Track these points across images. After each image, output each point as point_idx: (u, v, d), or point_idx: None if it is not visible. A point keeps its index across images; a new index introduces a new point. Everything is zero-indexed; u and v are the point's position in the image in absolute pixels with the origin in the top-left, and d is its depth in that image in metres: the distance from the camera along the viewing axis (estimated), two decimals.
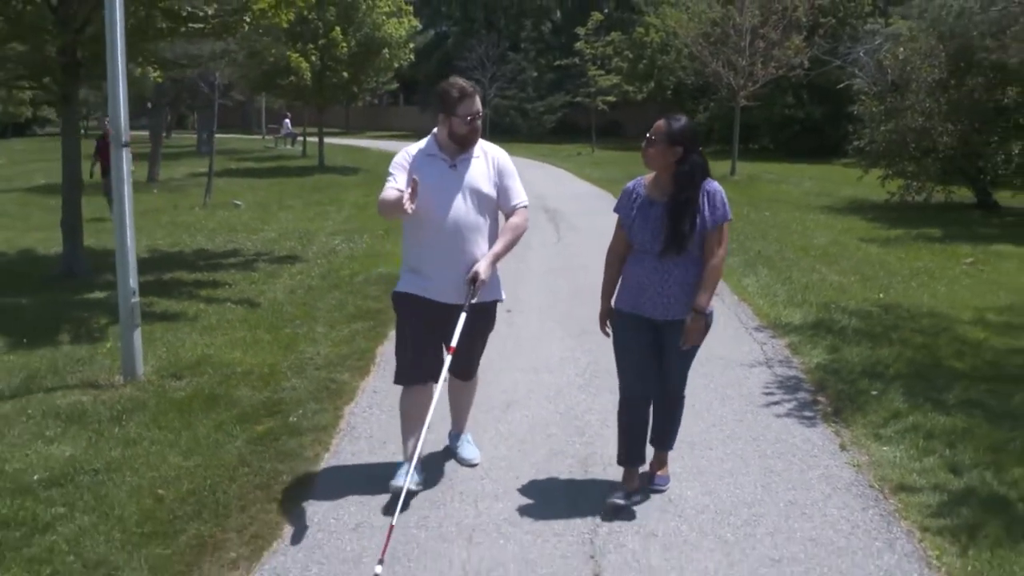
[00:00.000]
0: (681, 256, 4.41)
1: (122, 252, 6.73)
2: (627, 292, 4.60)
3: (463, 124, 4.61)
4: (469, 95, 4.63)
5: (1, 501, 4.65)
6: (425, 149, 4.75)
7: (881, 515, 4.55)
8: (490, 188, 4.73)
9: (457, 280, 4.62)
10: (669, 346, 4.55)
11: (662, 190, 4.48)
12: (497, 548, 4.17)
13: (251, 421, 5.82)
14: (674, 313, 4.45)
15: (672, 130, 4.39)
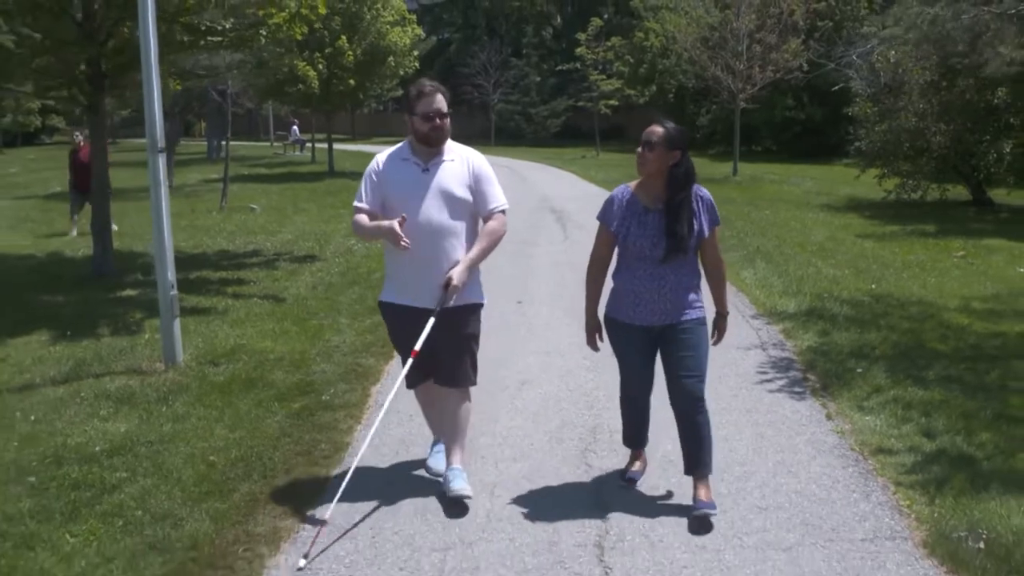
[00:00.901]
0: (677, 264, 4.45)
1: (160, 249, 7.28)
2: (622, 303, 4.60)
3: (422, 122, 4.57)
4: (427, 93, 4.60)
5: (70, 467, 5.19)
6: (398, 153, 4.74)
7: (860, 473, 5.08)
8: (464, 192, 4.65)
9: (433, 285, 4.58)
10: (672, 348, 4.55)
11: (655, 196, 4.48)
12: (517, 500, 4.71)
13: (287, 400, 6.36)
14: (672, 318, 4.50)
15: (671, 135, 4.41)
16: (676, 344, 4.53)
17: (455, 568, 3.98)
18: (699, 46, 26.48)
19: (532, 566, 4.02)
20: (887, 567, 4.01)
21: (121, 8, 10.20)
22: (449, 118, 4.65)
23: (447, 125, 4.64)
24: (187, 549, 4.20)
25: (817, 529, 4.37)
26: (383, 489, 4.84)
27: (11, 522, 4.51)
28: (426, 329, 4.51)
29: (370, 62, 27.70)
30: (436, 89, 4.63)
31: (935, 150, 18.16)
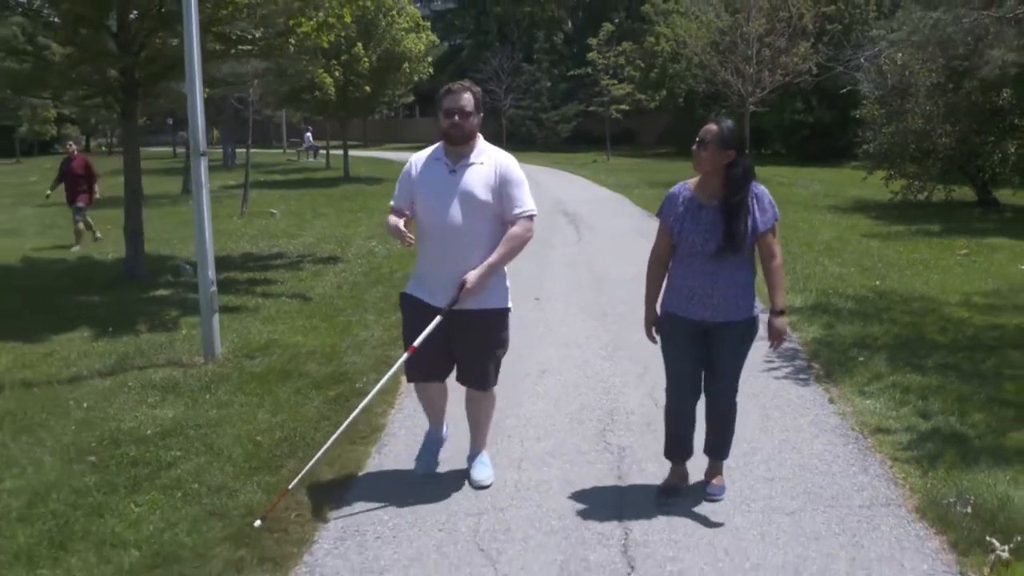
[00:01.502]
0: (731, 259, 4.48)
1: (201, 249, 7.74)
2: (676, 296, 4.64)
3: (444, 119, 4.64)
4: (453, 91, 4.69)
5: (127, 448, 5.62)
6: (433, 153, 4.81)
7: (859, 449, 5.48)
8: (487, 194, 4.67)
9: (449, 285, 4.64)
10: (719, 348, 4.64)
11: (711, 193, 4.51)
12: (542, 473, 5.13)
13: (323, 388, 6.79)
14: (724, 315, 4.55)
15: (724, 134, 4.42)
16: (724, 343, 4.62)
17: (488, 529, 4.39)
18: (709, 50, 26.91)
19: (558, 527, 4.43)
20: (881, 529, 4.41)
21: (154, 20, 10.68)
22: (473, 118, 4.67)
23: (468, 124, 4.65)
24: (243, 515, 4.62)
25: (818, 497, 4.77)
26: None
27: (79, 494, 4.93)
28: (429, 327, 4.58)
29: (385, 68, 28.18)
30: (464, 88, 4.70)
31: (941, 151, 18.53)
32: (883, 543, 4.27)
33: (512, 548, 4.25)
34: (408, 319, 4.89)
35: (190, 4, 7.54)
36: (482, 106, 4.80)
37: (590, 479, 5.03)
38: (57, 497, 4.91)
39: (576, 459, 5.33)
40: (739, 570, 4.02)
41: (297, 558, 4.21)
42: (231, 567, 4.10)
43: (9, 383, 7.15)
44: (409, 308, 4.87)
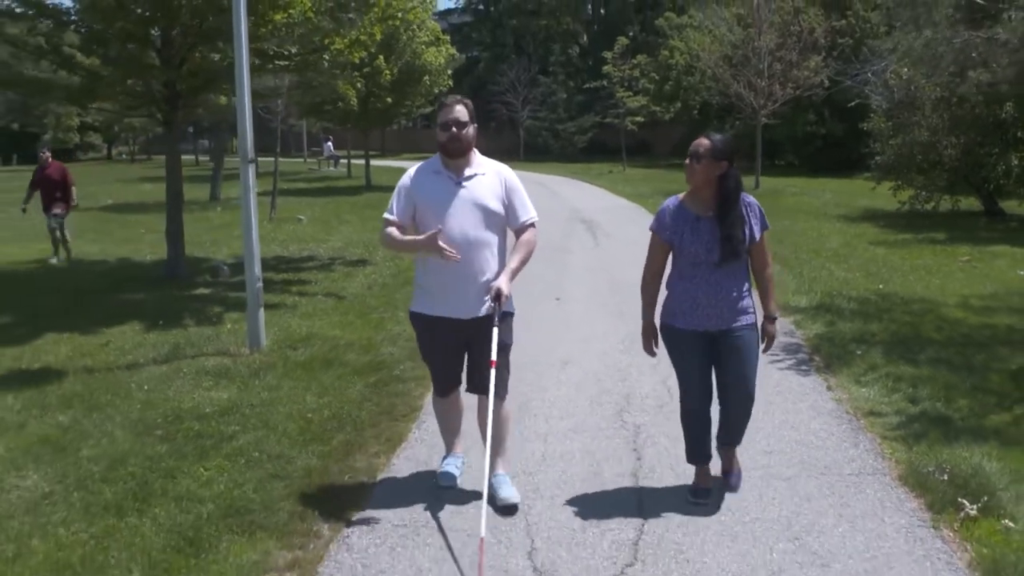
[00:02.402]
0: (731, 268, 4.62)
1: (249, 248, 8.37)
2: (680, 309, 4.74)
3: (441, 132, 4.71)
4: (447, 104, 4.77)
5: (190, 423, 6.25)
6: (429, 166, 4.86)
7: (852, 429, 6.06)
8: (497, 205, 4.77)
9: (466, 296, 4.71)
10: (729, 353, 4.76)
11: (705, 205, 4.65)
12: (565, 445, 5.73)
13: (363, 374, 7.42)
14: (728, 322, 4.69)
15: (717, 147, 4.57)
16: (731, 351, 4.74)
17: (521, 489, 4.99)
18: (722, 64, 27.51)
19: (581, 489, 5.04)
20: (866, 492, 4.99)
21: (196, 36, 11.34)
22: (469, 129, 4.73)
23: (465, 135, 4.71)
24: (302, 477, 5.25)
25: (812, 467, 5.36)
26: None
27: (152, 460, 5.56)
28: (494, 339, 4.62)
29: (406, 80, 28.83)
30: (458, 101, 4.77)
31: (947, 163, 19.03)
32: (867, 503, 4.85)
33: (540, 503, 4.86)
34: (425, 338, 4.98)
35: (240, 22, 8.11)
36: (475, 116, 4.84)
37: (608, 451, 5.64)
38: (133, 462, 5.54)
39: (596, 434, 5.94)
40: (739, 523, 4.61)
41: (355, 508, 4.82)
42: (295, 517, 4.72)
43: (72, 369, 7.80)
44: (425, 326, 4.92)
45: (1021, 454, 5.51)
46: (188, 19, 10.83)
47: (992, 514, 4.64)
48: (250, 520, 4.68)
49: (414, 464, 5.44)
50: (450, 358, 4.93)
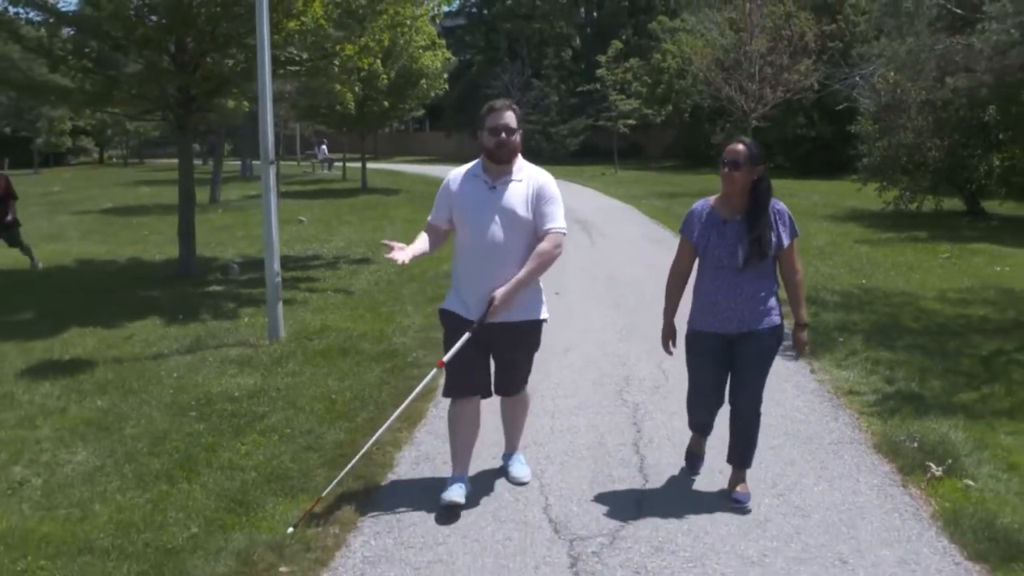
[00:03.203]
0: (755, 272, 4.68)
1: (268, 244, 8.87)
2: (703, 313, 4.80)
3: (489, 137, 4.75)
4: (495, 109, 4.80)
5: (222, 405, 6.76)
6: (472, 170, 4.92)
7: (833, 406, 6.61)
8: (526, 211, 4.76)
9: (486, 299, 4.76)
10: (743, 358, 4.81)
11: (734, 209, 4.70)
12: (571, 421, 6.28)
13: (379, 361, 7.94)
14: (748, 325, 4.73)
15: (754, 152, 4.63)
16: (750, 351, 4.80)
17: (532, 457, 5.52)
18: (713, 68, 28.08)
19: (587, 456, 5.58)
20: (844, 458, 5.54)
21: (208, 42, 11.83)
22: (516, 135, 4.78)
23: (514, 141, 4.76)
24: (333, 449, 5.78)
25: (796, 437, 5.91)
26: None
27: (192, 437, 6.07)
28: (459, 343, 4.71)
29: (403, 84, 29.30)
30: (507, 106, 4.81)
31: (931, 164, 19.64)
32: (844, 467, 5.40)
33: (552, 468, 5.40)
34: (449, 334, 4.97)
35: (263, 30, 8.62)
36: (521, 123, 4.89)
37: (611, 425, 6.18)
38: (175, 439, 6.05)
39: (599, 411, 6.48)
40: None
41: (383, 473, 5.36)
42: (331, 481, 5.23)
43: (101, 360, 8.28)
44: (449, 323, 4.97)
45: (985, 426, 6.08)
46: (204, 26, 11.30)
47: (955, 475, 5.20)
48: (290, 484, 5.21)
49: (435, 437, 5.97)
50: (472, 360, 4.83)
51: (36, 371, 7.89)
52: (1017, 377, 7.40)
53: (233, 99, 14.72)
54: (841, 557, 4.27)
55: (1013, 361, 7.93)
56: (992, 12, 8.12)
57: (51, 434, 6.23)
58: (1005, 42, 8.08)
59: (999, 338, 8.72)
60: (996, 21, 8.02)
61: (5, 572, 4.21)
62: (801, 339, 4.96)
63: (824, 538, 4.47)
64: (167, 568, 4.22)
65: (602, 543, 4.42)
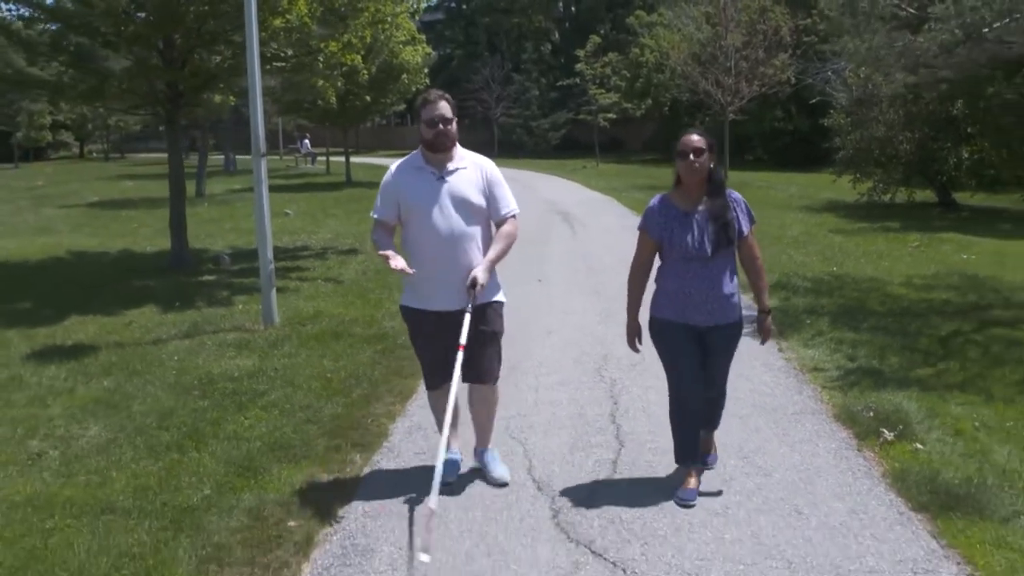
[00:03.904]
0: (721, 262, 4.70)
1: (262, 233, 9.27)
2: (671, 303, 4.79)
3: (427, 128, 4.78)
4: (430, 101, 4.80)
5: (223, 384, 7.16)
6: (411, 163, 4.93)
7: (798, 381, 7.07)
8: (479, 197, 4.83)
9: (452, 288, 4.77)
10: (713, 350, 4.87)
11: (693, 200, 4.73)
12: (553, 395, 6.72)
13: (370, 343, 8.36)
14: (717, 319, 4.77)
15: (710, 141, 4.69)
16: (718, 346, 4.87)
17: (517, 427, 5.97)
18: (690, 62, 28.53)
19: (568, 425, 6.03)
20: (805, 425, 6.00)
21: (195, 38, 12.19)
22: (454, 124, 4.84)
23: (451, 131, 4.81)
24: (331, 421, 6.20)
25: (762, 408, 6.36)
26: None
27: (198, 412, 6.47)
28: (465, 325, 4.67)
29: (384, 79, 29.62)
30: (440, 97, 4.82)
31: (903, 157, 20.20)
32: (805, 433, 5.86)
33: (535, 436, 5.84)
34: (416, 331, 5.07)
35: (251, 24, 8.98)
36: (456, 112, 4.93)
37: (590, 398, 6.62)
38: (181, 414, 6.45)
39: (579, 386, 6.92)
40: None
41: (379, 442, 5.78)
42: (331, 450, 5.66)
43: (103, 344, 8.67)
44: (415, 320, 5.03)
45: (937, 397, 6.55)
46: (192, 23, 11.65)
47: (906, 439, 5.66)
48: (293, 453, 5.62)
49: (426, 411, 6.32)
50: (441, 351, 4.86)
51: (41, 355, 8.27)
52: (972, 355, 7.89)
53: (220, 94, 15.06)
54: (797, 509, 4.72)
55: (969, 341, 8.41)
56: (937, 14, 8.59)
57: (62, 412, 6.61)
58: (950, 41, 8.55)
59: (958, 320, 9.20)
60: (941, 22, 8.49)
61: (35, 530, 4.60)
62: (767, 325, 5.06)
63: (783, 493, 4.92)
64: (185, 524, 4.63)
65: (581, 498, 4.87)
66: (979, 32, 8.37)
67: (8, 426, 6.27)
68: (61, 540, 4.47)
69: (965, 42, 8.50)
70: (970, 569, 4.13)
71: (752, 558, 4.21)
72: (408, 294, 5.04)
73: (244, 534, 4.51)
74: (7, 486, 5.21)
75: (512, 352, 7.34)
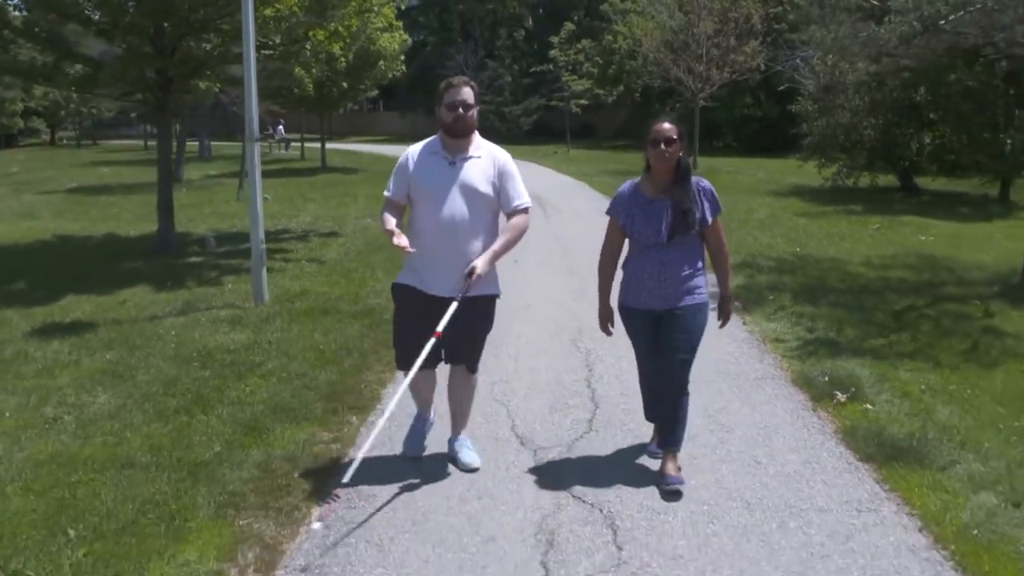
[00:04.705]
0: (681, 249, 4.74)
1: (253, 214, 9.70)
2: (631, 289, 4.90)
3: (447, 112, 4.79)
4: (455, 85, 4.84)
5: (221, 356, 7.59)
6: (429, 147, 4.96)
7: (759, 351, 7.61)
8: (487, 187, 4.83)
9: (451, 274, 4.78)
10: (667, 334, 4.84)
11: (659, 187, 4.77)
12: (532, 363, 7.22)
13: (358, 318, 8.82)
14: (672, 302, 4.78)
15: (681, 131, 4.74)
16: (671, 326, 4.82)
17: (500, 391, 6.47)
18: (662, 49, 29.01)
19: (546, 390, 6.54)
20: (765, 389, 6.54)
21: (186, 27, 12.54)
22: (474, 110, 4.85)
23: (471, 117, 4.82)
24: (327, 386, 6.66)
25: (725, 374, 6.89)
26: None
27: (200, 382, 6.90)
28: (448, 313, 4.67)
29: (361, 66, 29.89)
30: (465, 83, 4.87)
31: (867, 142, 20.84)
32: (765, 395, 6.40)
33: (516, 399, 6.34)
34: (405, 310, 5.06)
35: (247, 12, 9.37)
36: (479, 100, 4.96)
37: (567, 366, 7.13)
38: (185, 383, 6.87)
39: (556, 355, 7.43)
40: None
41: (373, 405, 6.26)
42: (329, 412, 6.13)
43: (101, 321, 9.06)
44: (406, 298, 5.01)
45: (888, 365, 7.11)
46: (184, 11, 12.00)
47: (857, 401, 6.22)
48: (294, 415, 6.09)
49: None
50: (421, 334, 4.78)
51: (43, 332, 8.65)
52: (923, 328, 8.46)
53: (207, 80, 15.42)
54: (756, 459, 5.25)
55: (922, 315, 8.99)
56: (897, 6, 9.14)
57: (70, 382, 7.01)
58: (909, 32, 9.10)
59: (912, 296, 9.78)
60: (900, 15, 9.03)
61: (61, 483, 5.03)
62: (728, 311, 5.12)
63: (743, 446, 5.45)
64: (201, 475, 5.08)
65: (561, 451, 5.38)
66: (936, 24, 8.94)
67: (22, 395, 6.66)
68: (87, 491, 4.91)
69: (923, 33, 9.05)
70: (908, 508, 4.66)
71: (715, 499, 4.74)
72: (406, 273, 5.03)
73: (256, 484, 4.97)
74: (29, 446, 5.62)
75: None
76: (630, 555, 4.16)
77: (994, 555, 4.16)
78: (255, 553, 4.23)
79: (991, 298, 9.66)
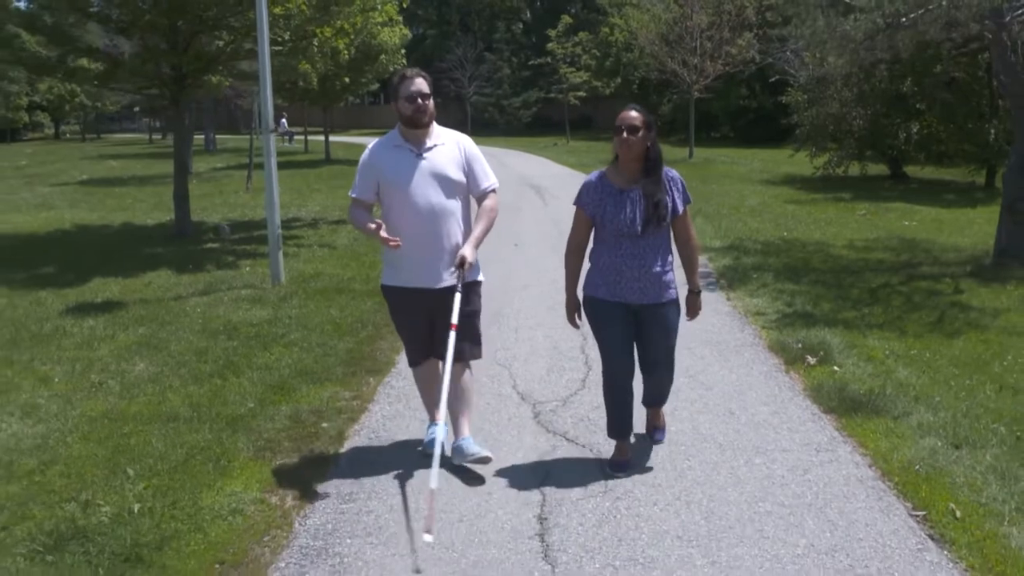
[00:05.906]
0: (654, 240, 4.68)
1: (270, 201, 10.34)
2: (603, 280, 4.80)
3: (406, 104, 4.75)
4: (409, 77, 4.79)
5: (246, 328, 8.26)
6: (388, 141, 4.90)
7: (741, 323, 8.27)
8: (458, 173, 4.84)
9: (434, 264, 4.81)
10: (649, 329, 4.85)
11: (628, 178, 4.69)
12: (531, 333, 7.91)
13: (370, 296, 9.48)
14: (650, 297, 4.76)
15: (647, 119, 4.62)
16: (654, 326, 4.83)
17: (503, 357, 7.14)
18: (658, 42, 29.61)
19: (544, 355, 7.21)
20: (743, 355, 7.21)
21: (199, 24, 13.17)
22: (432, 100, 4.84)
23: (430, 106, 4.80)
24: (345, 353, 7.34)
25: (707, 342, 7.57)
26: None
27: (228, 351, 7.57)
28: (456, 305, 4.68)
29: (363, 60, 30.52)
30: (418, 73, 4.83)
31: (856, 132, 21.47)
32: (742, 360, 7.07)
33: (517, 363, 7.03)
34: (399, 308, 5.09)
35: (262, 9, 10.02)
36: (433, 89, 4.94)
37: (563, 336, 7.79)
38: (215, 352, 7.54)
39: (553, 327, 8.09)
40: None
41: (388, 368, 6.93)
42: (349, 374, 6.80)
43: (130, 301, 9.72)
44: (398, 297, 5.04)
45: (858, 334, 7.78)
46: (200, 10, 12.64)
47: (826, 364, 6.89)
48: (317, 376, 6.76)
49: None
50: (421, 329, 4.99)
51: (77, 310, 9.31)
52: (895, 303, 9.12)
53: (219, 75, 16.04)
54: (730, 410, 5.93)
55: (895, 291, 9.64)
56: (860, 4, 9.80)
57: (109, 353, 7.67)
58: (872, 29, 9.75)
59: (888, 275, 10.44)
60: (864, 12, 9.69)
61: (115, 434, 5.70)
62: (696, 305, 5.06)
63: (719, 400, 6.13)
64: (239, 426, 5.76)
65: (556, 404, 6.07)
66: (897, 21, 9.59)
67: (67, 364, 7.33)
68: (139, 440, 5.58)
69: (885, 29, 9.69)
70: (862, 450, 5.33)
71: (691, 442, 5.42)
72: (389, 272, 5.04)
73: (288, 432, 5.65)
74: (81, 406, 6.28)
75: (495, 302, 8.53)
76: (615, 484, 4.84)
77: (932, 485, 4.82)
78: (290, 485, 4.90)
79: (963, 276, 10.31)
